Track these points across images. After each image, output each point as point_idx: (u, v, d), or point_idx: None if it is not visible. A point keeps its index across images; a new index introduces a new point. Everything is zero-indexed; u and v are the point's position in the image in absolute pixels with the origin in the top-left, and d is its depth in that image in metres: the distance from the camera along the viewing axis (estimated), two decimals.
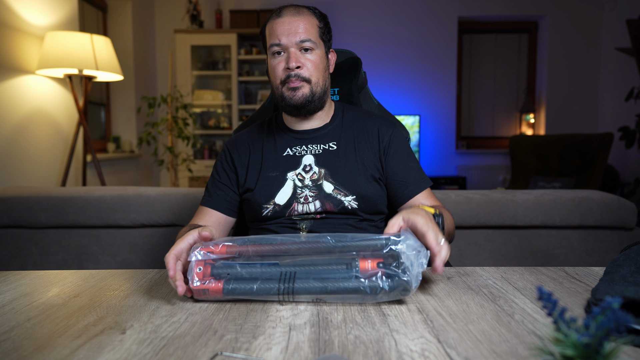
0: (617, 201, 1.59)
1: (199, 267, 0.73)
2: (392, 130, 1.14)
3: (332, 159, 1.10)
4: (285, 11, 1.08)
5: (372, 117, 1.17)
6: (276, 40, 1.06)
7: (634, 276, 0.70)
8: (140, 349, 0.57)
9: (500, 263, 1.60)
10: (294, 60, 1.05)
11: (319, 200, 1.06)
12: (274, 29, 1.07)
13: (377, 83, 4.78)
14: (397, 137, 1.14)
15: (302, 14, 1.08)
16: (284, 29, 1.05)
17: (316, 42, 1.07)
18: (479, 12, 4.87)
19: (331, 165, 1.09)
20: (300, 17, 1.07)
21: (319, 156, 1.10)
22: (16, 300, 0.76)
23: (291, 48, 1.06)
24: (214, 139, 4.85)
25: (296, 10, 1.08)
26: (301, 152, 1.12)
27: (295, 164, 1.10)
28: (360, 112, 1.19)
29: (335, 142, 1.12)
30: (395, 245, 0.70)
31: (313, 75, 1.08)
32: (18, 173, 2.48)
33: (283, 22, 1.06)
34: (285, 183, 1.08)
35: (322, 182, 1.07)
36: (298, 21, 1.06)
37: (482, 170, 5.02)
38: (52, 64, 2.45)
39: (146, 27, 4.51)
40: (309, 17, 1.08)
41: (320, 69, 1.09)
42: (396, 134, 1.14)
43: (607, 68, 4.75)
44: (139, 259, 1.64)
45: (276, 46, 1.06)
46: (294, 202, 1.06)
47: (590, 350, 0.35)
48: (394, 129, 1.15)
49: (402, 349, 0.56)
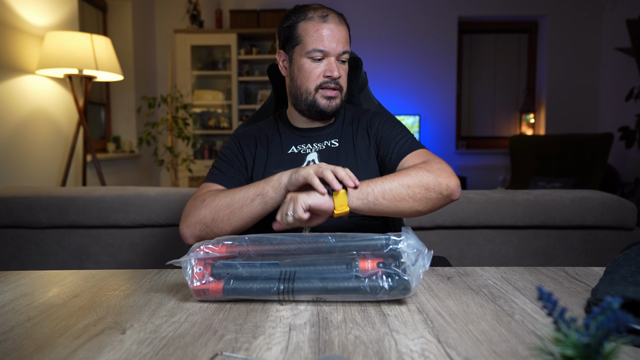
0: (617, 201, 1.59)
1: (199, 267, 0.73)
2: (379, 119, 1.17)
3: (334, 155, 1.11)
4: (331, 18, 1.08)
5: (365, 114, 1.19)
6: (320, 46, 1.06)
7: (634, 276, 0.70)
8: (140, 349, 0.57)
9: (500, 263, 1.60)
10: (337, 69, 1.07)
11: None
12: (319, 33, 1.06)
13: (378, 83, 4.78)
14: (382, 121, 1.15)
15: (343, 24, 1.10)
16: (330, 36, 1.06)
17: (349, 54, 1.11)
18: (479, 12, 4.87)
19: (333, 161, 1.10)
20: (343, 27, 1.09)
21: (322, 152, 1.12)
22: (16, 300, 0.76)
23: (332, 57, 1.07)
24: (214, 139, 4.85)
25: (339, 19, 1.09)
26: (306, 150, 1.13)
27: (299, 161, 1.11)
28: (358, 111, 1.21)
29: (337, 140, 1.14)
30: (395, 244, 0.70)
31: (345, 85, 1.12)
32: (18, 173, 2.48)
33: (330, 28, 1.06)
34: None
35: None
36: (342, 31, 1.08)
37: (482, 170, 5.02)
38: (52, 64, 2.45)
39: (146, 27, 4.51)
40: (346, 28, 1.11)
41: (347, 79, 1.15)
42: (382, 119, 1.16)
43: (607, 68, 4.75)
44: (139, 259, 1.64)
45: (319, 52, 1.07)
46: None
47: (590, 350, 0.35)
48: (380, 117, 1.17)
49: (402, 349, 0.56)
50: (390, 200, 0.90)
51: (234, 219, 0.96)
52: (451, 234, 1.61)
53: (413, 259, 0.69)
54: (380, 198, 0.90)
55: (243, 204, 0.95)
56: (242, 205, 0.95)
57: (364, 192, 0.89)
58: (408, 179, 0.92)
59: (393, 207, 0.91)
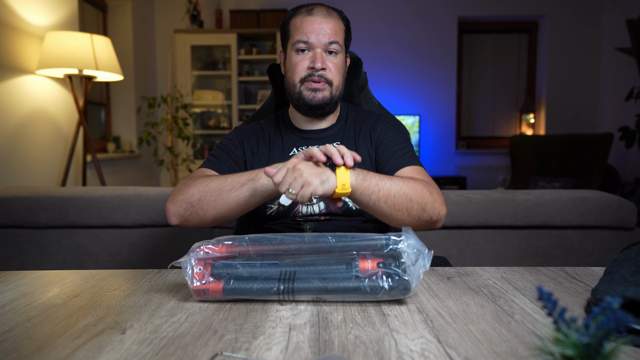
0: (617, 201, 1.59)
1: (199, 267, 0.73)
2: (383, 123, 1.14)
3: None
4: (317, 10, 1.07)
5: (369, 116, 1.17)
6: (304, 38, 1.05)
7: (634, 276, 0.70)
8: (140, 349, 0.57)
9: (500, 263, 1.60)
10: (320, 60, 1.04)
11: (323, 201, 1.06)
12: (303, 26, 1.05)
13: (378, 83, 4.78)
14: (386, 127, 1.13)
15: (333, 16, 1.07)
16: (314, 28, 1.04)
17: (341, 46, 1.07)
18: (479, 12, 4.87)
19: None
20: (331, 19, 1.06)
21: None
22: (16, 300, 0.76)
23: (318, 48, 1.05)
24: (214, 139, 4.85)
25: (328, 11, 1.07)
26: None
27: None
28: (361, 112, 1.20)
29: (339, 142, 1.12)
30: (396, 244, 0.70)
31: (335, 79, 1.08)
32: (18, 173, 2.48)
33: (314, 20, 1.05)
34: None
35: None
36: (329, 22, 1.05)
37: (482, 170, 5.02)
38: (52, 64, 2.45)
39: (146, 27, 4.51)
40: (338, 20, 1.08)
41: (341, 73, 1.09)
42: (386, 124, 1.14)
43: (607, 68, 4.75)
44: (139, 259, 1.64)
45: (303, 43, 1.05)
46: (298, 203, 1.06)
47: (590, 350, 0.35)
48: (385, 122, 1.15)
49: (402, 349, 0.56)
50: (388, 204, 0.89)
51: (219, 202, 0.94)
52: (451, 234, 1.61)
53: (413, 259, 0.69)
54: (382, 200, 0.89)
55: (232, 187, 0.93)
56: (231, 188, 0.94)
57: (367, 182, 0.88)
58: (412, 193, 0.91)
59: (387, 212, 0.90)
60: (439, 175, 4.89)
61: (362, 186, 0.87)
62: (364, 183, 0.87)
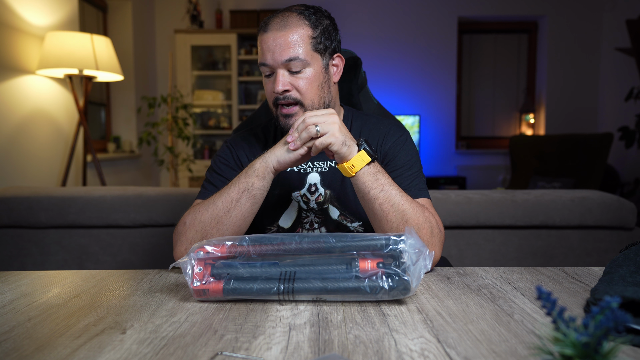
0: (616, 201, 1.59)
1: (199, 267, 0.73)
2: (395, 138, 1.05)
3: (338, 179, 1.03)
4: (271, 24, 0.94)
5: (378, 128, 1.07)
6: (262, 59, 0.95)
7: (633, 276, 0.70)
8: (141, 349, 0.57)
9: (500, 263, 1.60)
10: (280, 83, 0.93)
11: (325, 226, 1.04)
12: (261, 46, 0.95)
13: (377, 83, 4.78)
14: (398, 144, 1.04)
15: (289, 25, 0.93)
16: (269, 46, 0.93)
17: (306, 59, 0.94)
18: (479, 12, 4.87)
19: (337, 186, 1.03)
20: (287, 31, 0.93)
21: (325, 174, 1.04)
22: (16, 300, 0.76)
23: (279, 69, 0.94)
24: (214, 139, 4.85)
25: (283, 22, 0.94)
26: (306, 170, 1.05)
27: (299, 181, 1.04)
28: (368, 122, 1.09)
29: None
30: (396, 244, 0.70)
31: (306, 97, 0.96)
32: (18, 173, 2.48)
33: (268, 37, 0.93)
34: (290, 204, 1.04)
35: (328, 206, 1.03)
36: (284, 36, 0.92)
37: (482, 170, 5.02)
38: (52, 64, 2.45)
39: (146, 27, 4.51)
40: (297, 29, 0.93)
41: (315, 87, 0.96)
42: (399, 141, 1.05)
43: (607, 68, 4.75)
44: (139, 259, 1.64)
45: (263, 66, 0.95)
46: (298, 227, 1.03)
47: (589, 349, 0.35)
48: (398, 137, 1.05)
49: (402, 348, 0.56)
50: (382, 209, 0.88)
51: (223, 228, 0.89)
52: (451, 234, 1.61)
53: (414, 259, 0.70)
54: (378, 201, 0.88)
55: (229, 208, 0.88)
56: (228, 210, 0.88)
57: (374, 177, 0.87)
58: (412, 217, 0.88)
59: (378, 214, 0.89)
60: (439, 175, 4.89)
61: (368, 179, 0.87)
62: (372, 177, 0.87)
